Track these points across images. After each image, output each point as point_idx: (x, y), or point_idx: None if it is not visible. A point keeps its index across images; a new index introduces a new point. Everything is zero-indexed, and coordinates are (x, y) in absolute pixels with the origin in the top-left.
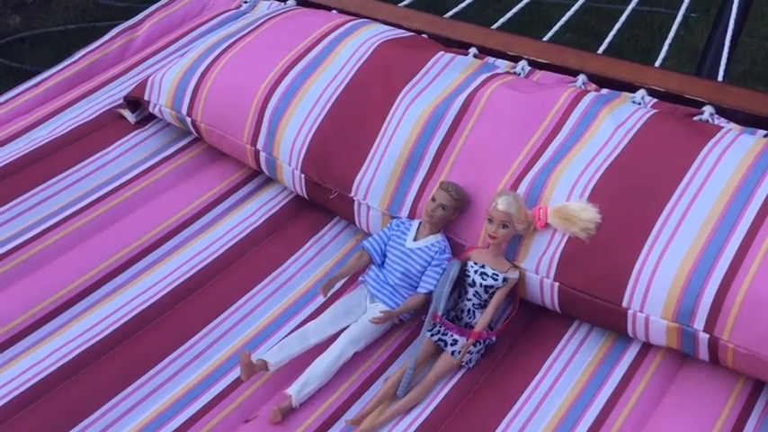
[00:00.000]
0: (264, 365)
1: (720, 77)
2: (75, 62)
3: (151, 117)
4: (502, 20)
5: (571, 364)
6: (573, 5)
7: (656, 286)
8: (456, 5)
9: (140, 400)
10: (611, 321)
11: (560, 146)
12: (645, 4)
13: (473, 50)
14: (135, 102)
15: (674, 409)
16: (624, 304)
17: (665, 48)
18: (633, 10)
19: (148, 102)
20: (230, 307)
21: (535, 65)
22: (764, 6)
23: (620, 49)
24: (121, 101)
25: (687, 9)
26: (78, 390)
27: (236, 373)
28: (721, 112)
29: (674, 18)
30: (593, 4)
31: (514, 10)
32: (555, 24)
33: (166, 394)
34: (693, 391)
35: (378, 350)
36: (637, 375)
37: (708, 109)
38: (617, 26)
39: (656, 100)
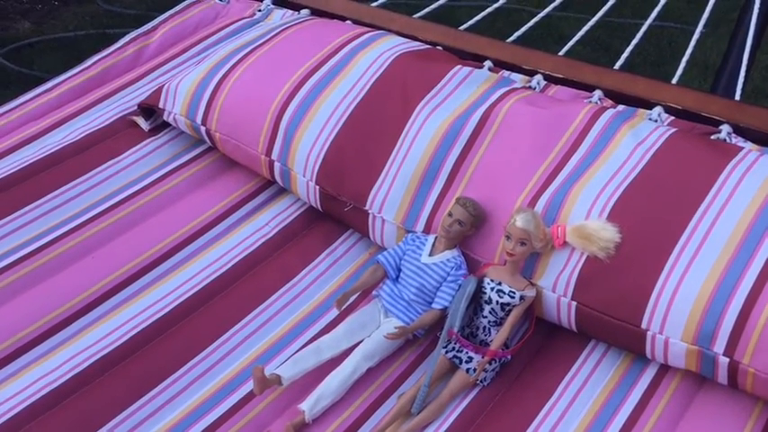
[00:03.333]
0: (278, 380)
1: (738, 96)
2: (87, 68)
3: (164, 125)
4: (517, 33)
5: (587, 385)
6: (583, 19)
7: (676, 308)
8: (466, 18)
9: (150, 414)
10: (629, 342)
11: (579, 163)
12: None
13: (488, 63)
14: (149, 109)
15: (693, 429)
16: (643, 326)
17: (682, 64)
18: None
19: (163, 109)
20: (243, 319)
21: (550, 79)
22: None
23: (630, 64)
24: (135, 108)
25: (700, 25)
26: (87, 402)
27: (248, 386)
28: (738, 130)
29: (684, 32)
30: (605, 19)
31: (529, 24)
32: (566, 38)
33: (177, 408)
34: (712, 416)
35: (392, 366)
36: (654, 398)
37: (725, 128)
38: (634, 42)
39: (672, 117)
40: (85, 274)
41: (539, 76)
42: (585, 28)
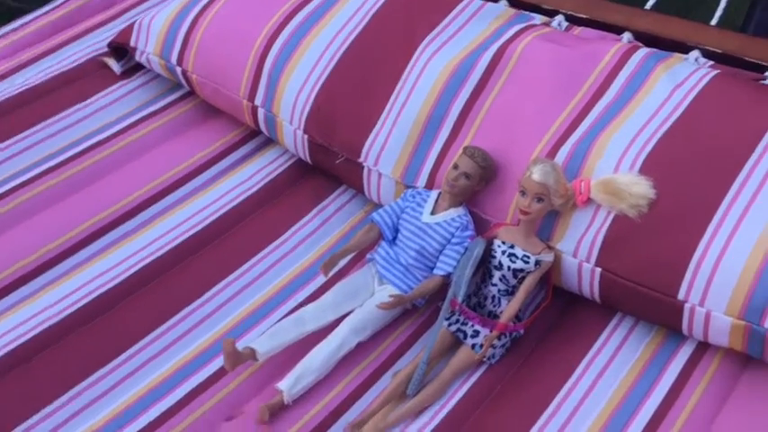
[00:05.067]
0: (252, 354)
1: None
2: (59, 5)
3: (138, 67)
4: None
5: (613, 363)
6: None
7: (720, 277)
8: None
9: (111, 387)
10: (663, 316)
11: (607, 108)
12: None
13: (503, 2)
14: (120, 49)
15: (737, 419)
16: (681, 297)
17: (723, 3)
18: None
19: (135, 48)
20: (218, 284)
21: (573, 20)
22: None
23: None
24: (106, 48)
25: None
26: (44, 369)
27: (219, 361)
28: None
29: None
30: None
31: None
32: None
33: (140, 382)
34: (760, 399)
35: (386, 340)
36: (693, 379)
37: None
38: None
39: (711, 62)
40: (47, 227)
41: (560, 17)
42: None
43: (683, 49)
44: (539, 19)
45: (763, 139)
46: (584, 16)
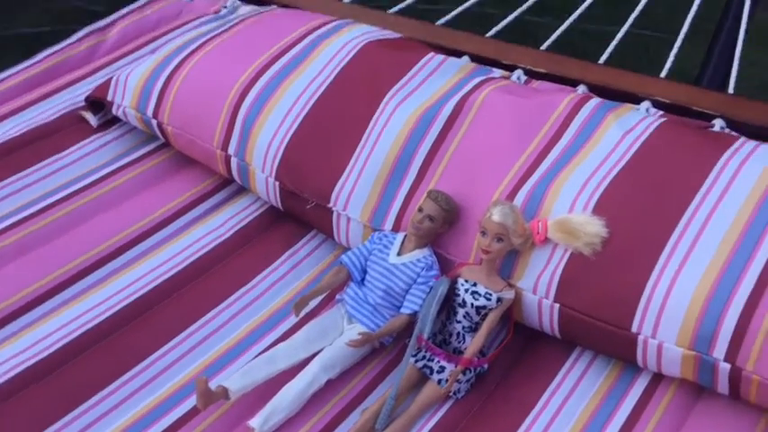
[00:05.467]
0: (225, 393)
1: (731, 89)
2: (38, 62)
3: (115, 120)
4: (491, 31)
5: (572, 398)
6: (558, 25)
7: (670, 309)
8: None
9: (84, 427)
10: (618, 349)
11: (562, 153)
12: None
13: (466, 58)
14: (98, 103)
15: None
16: (634, 329)
17: (669, 63)
18: (624, 31)
19: (112, 102)
20: (190, 327)
21: (532, 74)
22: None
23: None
24: (83, 102)
25: (682, 31)
26: (16, 412)
27: (192, 401)
28: (732, 125)
29: (664, 41)
30: (580, 26)
31: (504, 23)
32: (540, 41)
33: (112, 423)
34: (713, 429)
35: (355, 377)
36: (647, 410)
37: (718, 122)
38: (610, 48)
39: (661, 112)
40: (17, 276)
41: (519, 71)
42: (560, 30)
43: (635, 100)
44: (498, 73)
45: (707, 180)
46: (542, 70)
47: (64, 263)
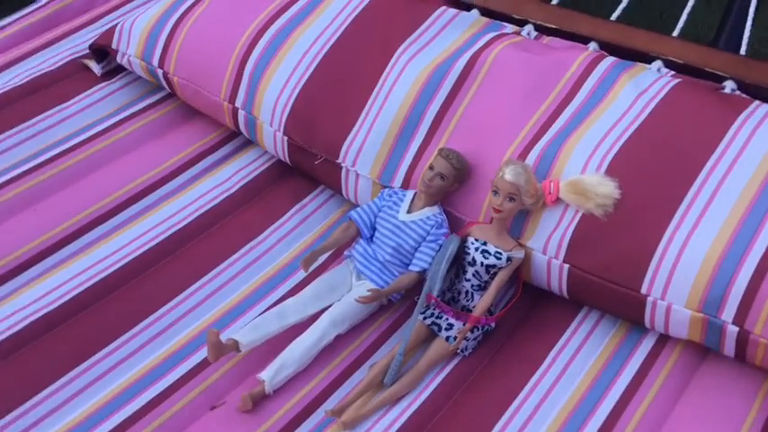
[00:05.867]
0: (235, 345)
1: (743, 51)
2: (38, 9)
3: (119, 69)
4: None
5: (579, 356)
6: None
7: (680, 272)
8: None
9: (97, 377)
10: (626, 310)
11: (575, 113)
12: None
13: (476, 12)
14: (102, 51)
15: (694, 409)
16: (643, 291)
17: (684, 16)
18: None
19: (116, 51)
20: (200, 279)
21: (542, 30)
22: None
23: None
24: (87, 50)
25: None
26: (30, 362)
27: (203, 353)
28: (743, 88)
29: (677, 3)
30: None
31: None
32: None
33: (125, 373)
34: (716, 391)
35: (363, 333)
36: (653, 370)
37: (729, 84)
38: (623, 4)
39: (672, 72)
40: (28, 226)
41: (530, 26)
42: None
43: (646, 59)
44: (510, 28)
45: (722, 143)
46: (553, 26)
47: (69, 216)
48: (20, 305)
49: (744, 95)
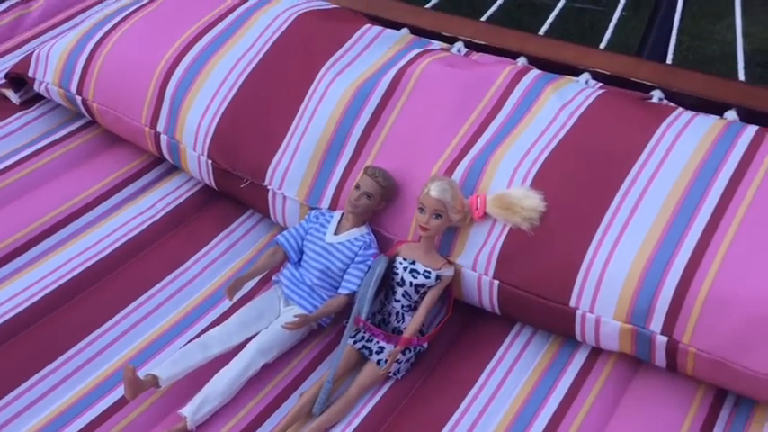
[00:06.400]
0: (154, 381)
1: (669, 60)
2: None
3: (39, 98)
4: (429, 4)
5: (512, 373)
6: None
7: (607, 284)
8: None
9: (8, 419)
10: (557, 324)
11: (500, 127)
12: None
13: (405, 31)
14: (19, 80)
15: (630, 421)
16: (572, 304)
17: (608, 35)
18: (564, 6)
19: (33, 79)
20: (118, 313)
21: (472, 47)
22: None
23: (562, 30)
24: (3, 79)
25: (622, 6)
26: None
27: (120, 390)
28: (670, 96)
29: (606, 15)
30: None
31: None
32: (479, 13)
33: (35, 416)
34: (650, 402)
35: (292, 361)
36: (586, 384)
37: (657, 93)
38: (550, 19)
39: (600, 84)
40: None
41: (459, 44)
42: (500, 1)
43: (575, 72)
44: (437, 45)
45: (645, 151)
46: (482, 42)
47: None
48: None
49: (670, 104)
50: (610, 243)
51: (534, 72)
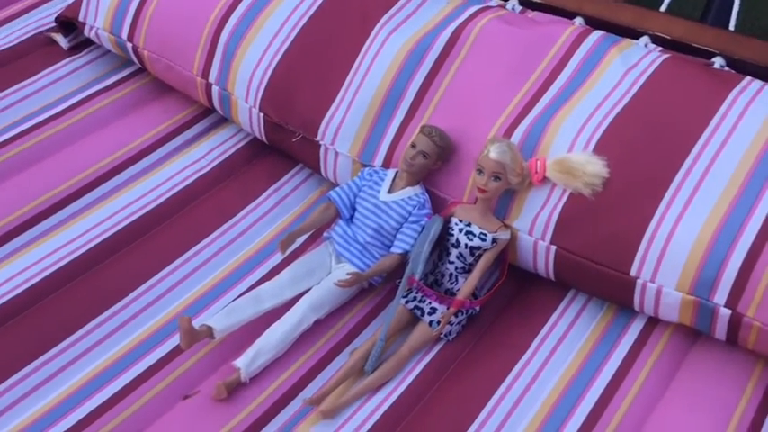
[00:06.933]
0: (209, 332)
1: (732, 27)
2: None
3: (87, 43)
4: None
5: (565, 341)
6: None
7: (671, 253)
8: None
9: (63, 366)
10: (614, 292)
11: (562, 88)
12: None
13: None
14: (68, 24)
15: (685, 395)
16: (633, 273)
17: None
18: None
19: (83, 23)
20: (171, 263)
21: (527, 4)
22: None
23: None
24: (53, 23)
25: None
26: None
27: (175, 340)
28: (732, 64)
29: None
30: None
31: None
32: None
33: (93, 361)
34: (707, 375)
35: (343, 318)
36: (642, 355)
37: (718, 60)
38: None
39: (660, 48)
40: None
41: (513, 1)
42: None
43: (633, 34)
44: (494, 1)
45: (714, 119)
46: (538, 1)
47: (36, 196)
48: None
49: (733, 71)
50: (676, 212)
51: (596, 33)
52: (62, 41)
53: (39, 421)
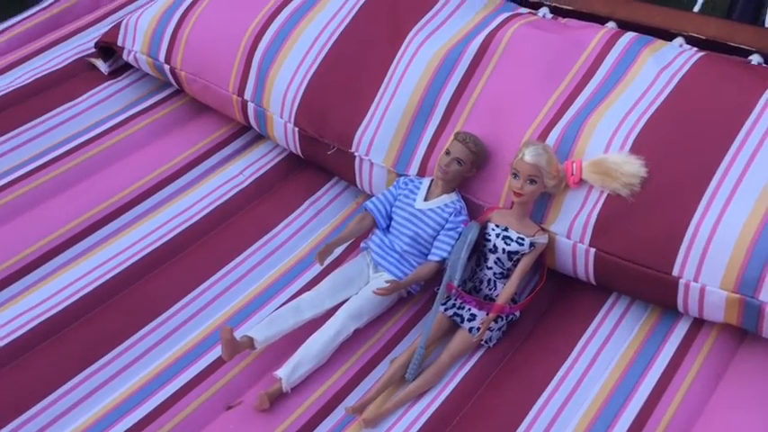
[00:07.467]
0: (250, 343)
1: (767, 23)
2: (44, 8)
3: (127, 67)
4: None
5: (609, 345)
6: None
7: (714, 251)
8: None
9: (106, 380)
10: (657, 294)
11: (596, 90)
12: None
13: None
14: (108, 49)
15: (733, 396)
16: (675, 273)
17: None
18: None
19: (122, 48)
20: (212, 276)
21: (558, 12)
22: None
23: None
24: (93, 49)
25: None
26: (34, 367)
27: (217, 351)
28: None
29: None
30: None
31: None
32: None
33: (135, 375)
34: (756, 375)
35: (383, 327)
36: (688, 357)
37: (755, 57)
38: None
39: (695, 49)
40: (34, 226)
41: (545, 9)
42: None
43: (667, 36)
44: (525, 9)
45: (752, 115)
46: (569, 8)
47: (77, 215)
48: (32, 304)
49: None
50: (717, 210)
51: (629, 35)
52: (102, 66)
53: None
